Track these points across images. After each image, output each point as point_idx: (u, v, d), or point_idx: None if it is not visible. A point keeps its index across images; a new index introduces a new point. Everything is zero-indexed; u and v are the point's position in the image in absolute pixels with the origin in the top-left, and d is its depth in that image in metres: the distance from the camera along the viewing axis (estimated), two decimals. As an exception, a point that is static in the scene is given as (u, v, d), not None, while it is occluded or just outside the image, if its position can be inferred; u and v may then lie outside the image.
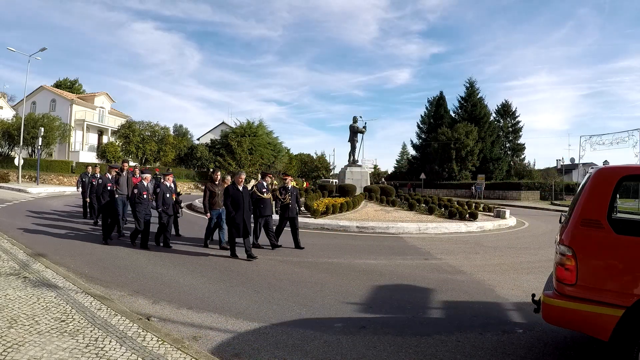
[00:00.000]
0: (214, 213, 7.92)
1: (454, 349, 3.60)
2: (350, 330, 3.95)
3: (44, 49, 27.78)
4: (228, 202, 6.86)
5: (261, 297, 4.92)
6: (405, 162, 60.66)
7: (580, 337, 3.99)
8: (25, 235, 8.37)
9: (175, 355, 3.09)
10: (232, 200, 6.84)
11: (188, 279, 5.65)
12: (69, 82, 53.02)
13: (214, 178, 8.26)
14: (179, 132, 42.18)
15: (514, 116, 50.24)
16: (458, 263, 7.43)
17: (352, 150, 19.50)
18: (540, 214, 21.47)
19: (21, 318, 3.62)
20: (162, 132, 37.66)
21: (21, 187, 22.14)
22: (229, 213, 6.84)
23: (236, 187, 7.03)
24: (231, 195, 6.88)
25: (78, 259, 6.48)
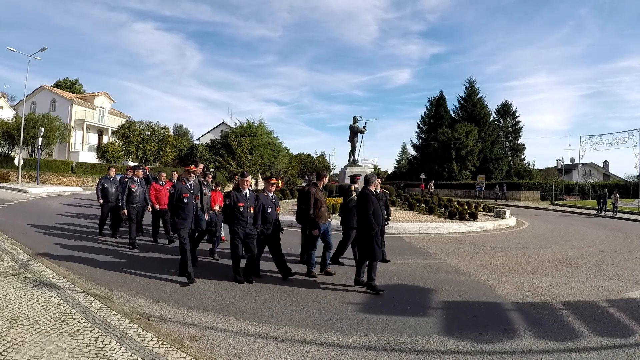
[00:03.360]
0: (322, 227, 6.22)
1: (454, 349, 3.60)
2: (350, 330, 3.95)
3: (44, 49, 27.75)
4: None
5: (261, 297, 4.92)
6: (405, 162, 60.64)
7: (583, 335, 3.99)
8: (25, 235, 8.36)
9: (175, 355, 3.09)
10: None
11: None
12: (69, 82, 53.01)
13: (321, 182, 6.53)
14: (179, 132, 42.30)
15: (514, 116, 50.22)
16: (458, 263, 7.43)
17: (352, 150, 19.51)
18: (540, 214, 21.47)
19: (21, 318, 3.62)
20: (162, 132, 37.65)
21: (21, 187, 22.13)
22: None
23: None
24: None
25: (78, 259, 6.48)
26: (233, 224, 5.41)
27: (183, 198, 5.49)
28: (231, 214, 5.42)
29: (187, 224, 5.51)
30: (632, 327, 4.33)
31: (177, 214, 5.49)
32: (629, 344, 3.85)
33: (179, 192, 5.52)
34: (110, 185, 8.84)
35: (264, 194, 5.81)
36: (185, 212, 5.47)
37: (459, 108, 49.48)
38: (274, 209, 5.77)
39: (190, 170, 5.78)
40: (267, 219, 5.61)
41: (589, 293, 5.68)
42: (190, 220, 5.53)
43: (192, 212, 5.56)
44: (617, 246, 10.43)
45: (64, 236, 8.57)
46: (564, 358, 3.49)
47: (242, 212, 5.39)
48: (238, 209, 5.38)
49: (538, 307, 4.93)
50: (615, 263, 8.01)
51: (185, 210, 5.48)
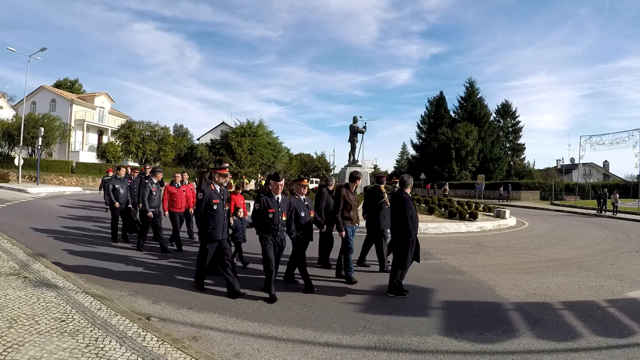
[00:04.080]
0: (349, 230, 6.03)
1: (454, 349, 3.60)
2: (350, 330, 3.95)
3: (44, 49, 27.76)
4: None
5: (262, 297, 4.92)
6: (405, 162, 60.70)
7: (583, 335, 3.99)
8: (25, 235, 8.36)
9: (175, 355, 3.09)
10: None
11: (188, 279, 5.64)
12: (69, 82, 53.04)
13: (354, 184, 6.29)
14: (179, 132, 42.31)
15: (514, 116, 50.28)
16: (458, 263, 7.43)
17: (352, 150, 19.50)
18: (540, 214, 21.47)
19: (21, 318, 3.61)
20: (162, 132, 37.66)
21: (21, 187, 22.13)
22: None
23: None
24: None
25: (78, 259, 6.48)
26: (263, 232, 4.87)
27: (213, 204, 4.85)
28: (261, 221, 4.88)
29: (217, 234, 4.88)
30: (632, 327, 4.33)
31: (206, 222, 4.85)
32: (629, 344, 3.85)
33: (208, 198, 4.85)
34: (121, 186, 8.34)
35: (296, 197, 5.39)
36: (215, 220, 4.86)
37: (459, 108, 49.54)
38: (308, 212, 5.31)
39: (222, 173, 5.12)
40: (301, 224, 5.20)
41: (589, 293, 5.68)
42: (220, 230, 4.90)
43: (223, 220, 4.94)
44: (617, 246, 10.43)
45: (64, 236, 8.56)
46: (564, 358, 3.49)
47: (273, 219, 4.83)
48: (268, 215, 4.82)
49: (538, 307, 4.94)
50: (615, 263, 8.01)
51: (215, 218, 4.86)
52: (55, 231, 9.14)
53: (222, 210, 4.95)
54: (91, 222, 11.05)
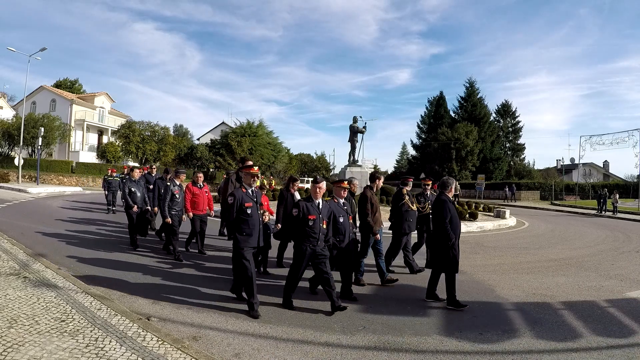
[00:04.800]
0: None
1: (454, 349, 3.60)
2: (350, 330, 3.95)
3: (44, 49, 27.77)
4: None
5: (261, 297, 4.91)
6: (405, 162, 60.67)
7: (583, 335, 4.00)
8: (25, 236, 8.36)
9: (175, 355, 3.09)
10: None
11: (188, 279, 5.65)
12: (69, 82, 53.03)
13: (375, 184, 6.05)
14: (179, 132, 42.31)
15: (514, 116, 50.27)
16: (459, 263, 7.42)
17: (352, 150, 19.48)
18: (540, 214, 21.47)
19: (21, 318, 3.61)
20: (162, 132, 37.66)
21: (21, 187, 22.13)
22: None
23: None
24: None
25: (78, 259, 6.48)
26: (301, 241, 4.42)
27: (246, 209, 4.38)
28: (299, 228, 4.43)
29: (253, 241, 4.39)
30: (632, 327, 4.33)
31: (239, 229, 4.37)
32: (628, 344, 3.86)
33: (240, 201, 4.39)
34: (137, 189, 7.88)
35: (335, 200, 4.94)
36: (250, 226, 4.38)
37: (459, 108, 49.52)
38: (347, 217, 4.90)
39: (252, 172, 4.59)
40: (340, 230, 4.77)
41: (589, 293, 5.68)
42: (256, 236, 4.42)
43: (258, 225, 4.47)
44: (617, 246, 10.43)
45: (64, 236, 8.56)
46: (564, 358, 3.49)
47: (313, 227, 4.39)
48: (307, 222, 4.39)
49: (538, 307, 4.94)
50: (615, 263, 8.01)
51: (249, 223, 4.38)
52: (55, 231, 9.13)
53: (256, 215, 4.46)
54: (91, 222, 11.05)
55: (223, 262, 6.76)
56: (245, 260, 4.31)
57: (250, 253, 4.41)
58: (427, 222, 6.52)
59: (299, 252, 4.44)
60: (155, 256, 7.03)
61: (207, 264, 6.62)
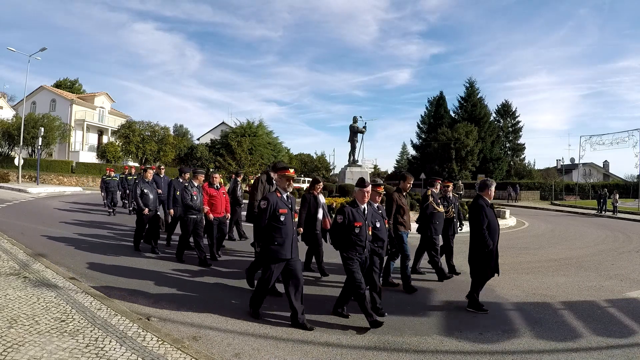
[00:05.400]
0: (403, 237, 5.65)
1: (454, 349, 3.60)
2: (350, 330, 3.95)
3: (44, 49, 27.77)
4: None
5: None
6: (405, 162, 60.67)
7: (583, 335, 3.99)
8: (25, 235, 8.36)
9: (175, 355, 3.09)
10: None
11: (188, 279, 5.65)
12: (69, 82, 53.02)
13: (402, 186, 5.78)
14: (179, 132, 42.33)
15: (514, 116, 50.24)
16: (458, 263, 7.41)
17: (352, 150, 19.49)
18: (540, 214, 21.47)
19: (21, 318, 3.62)
20: (162, 132, 37.67)
21: (21, 187, 22.13)
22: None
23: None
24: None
25: (78, 259, 6.48)
26: (347, 250, 4.08)
27: (280, 215, 3.96)
28: (345, 236, 4.10)
29: (285, 252, 3.97)
30: (632, 327, 4.33)
31: (271, 238, 3.96)
32: (629, 344, 3.85)
33: (273, 207, 3.99)
34: (150, 191, 7.42)
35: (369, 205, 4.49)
36: (282, 234, 3.96)
37: (459, 108, 49.48)
38: (383, 223, 4.49)
39: (288, 175, 4.19)
40: (378, 236, 4.35)
41: (589, 293, 5.68)
42: (289, 247, 4.00)
43: (292, 234, 4.05)
44: (617, 246, 10.43)
45: (64, 236, 8.56)
46: (564, 358, 3.49)
47: (360, 234, 4.05)
48: (354, 229, 4.05)
49: (538, 307, 4.94)
50: (615, 263, 8.01)
51: (282, 232, 3.96)
52: (55, 231, 9.14)
53: (290, 223, 4.05)
54: (91, 221, 11.05)
55: (223, 262, 6.76)
56: (270, 272, 3.99)
57: (279, 266, 4.01)
58: (450, 226, 6.46)
59: (349, 262, 4.06)
60: (155, 256, 7.02)
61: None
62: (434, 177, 6.46)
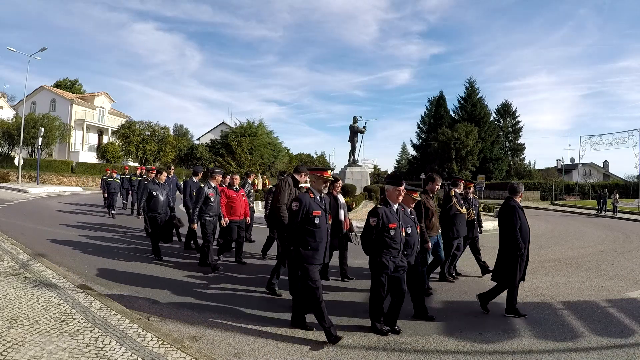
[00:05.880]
0: (432, 239, 5.42)
1: (454, 349, 3.60)
2: (350, 330, 3.95)
3: (44, 49, 27.78)
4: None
5: (262, 298, 4.92)
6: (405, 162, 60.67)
7: (583, 335, 4.00)
8: (25, 235, 8.36)
9: (175, 355, 3.09)
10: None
11: (188, 279, 5.65)
12: (69, 82, 53.01)
13: (429, 188, 5.52)
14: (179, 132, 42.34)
15: (514, 116, 50.25)
16: (458, 263, 7.42)
17: (352, 150, 19.49)
18: (540, 214, 21.47)
19: (21, 318, 3.62)
20: (162, 132, 37.70)
21: (21, 187, 22.13)
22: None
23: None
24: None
25: (78, 259, 6.48)
26: (380, 254, 3.82)
27: (314, 218, 3.75)
28: (378, 239, 3.85)
29: (319, 257, 3.76)
30: (632, 327, 4.33)
31: (304, 242, 3.74)
32: (629, 344, 3.86)
33: (306, 209, 3.77)
34: (161, 193, 6.94)
35: (402, 208, 4.17)
36: (317, 238, 3.75)
37: (459, 108, 49.50)
38: (415, 228, 4.19)
39: (326, 177, 3.99)
40: (409, 242, 4.05)
41: (589, 293, 5.68)
42: (323, 251, 3.80)
43: (326, 237, 3.86)
44: (617, 246, 10.43)
45: (64, 236, 8.56)
46: (564, 358, 3.49)
47: (394, 237, 3.82)
48: (388, 232, 3.82)
49: (538, 307, 4.94)
50: (615, 263, 8.01)
51: (316, 236, 3.75)
52: (55, 231, 9.14)
53: (325, 225, 3.83)
54: (91, 222, 11.05)
55: (223, 263, 6.76)
56: (312, 280, 3.66)
57: (317, 271, 3.75)
58: (471, 229, 6.32)
59: (379, 267, 3.82)
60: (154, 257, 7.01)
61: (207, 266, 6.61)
62: (457, 177, 6.27)
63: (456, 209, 5.89)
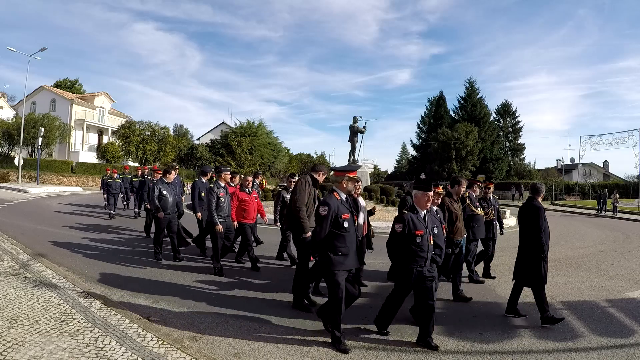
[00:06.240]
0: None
1: (454, 349, 3.60)
2: (350, 330, 3.94)
3: (44, 49, 27.81)
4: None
5: (262, 298, 4.92)
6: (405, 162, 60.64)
7: (583, 335, 3.99)
8: (25, 235, 8.36)
9: (175, 355, 3.09)
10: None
11: (188, 279, 5.65)
12: (69, 82, 52.99)
13: (453, 191, 5.35)
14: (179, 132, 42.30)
15: (514, 116, 50.24)
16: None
17: (352, 150, 19.50)
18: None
19: (21, 318, 3.62)
20: (162, 132, 37.69)
21: (21, 187, 22.13)
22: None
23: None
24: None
25: (78, 259, 6.48)
26: (405, 262, 3.60)
27: (343, 221, 3.59)
28: (405, 247, 3.61)
29: (349, 262, 3.59)
30: (632, 327, 4.33)
31: (333, 247, 3.57)
32: (629, 344, 3.86)
33: (335, 212, 3.59)
34: (169, 193, 6.76)
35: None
36: (346, 243, 3.58)
37: (459, 108, 49.47)
38: (441, 229, 3.94)
39: (354, 177, 3.83)
40: (436, 244, 3.85)
41: (589, 293, 5.68)
42: (353, 256, 3.64)
43: (356, 241, 3.71)
44: (617, 246, 10.44)
45: (64, 236, 8.56)
46: (564, 358, 3.49)
47: (421, 245, 3.58)
48: (415, 239, 3.58)
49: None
50: (615, 263, 8.01)
51: (346, 240, 3.58)
52: (55, 231, 9.14)
53: (354, 229, 3.69)
54: (91, 222, 11.05)
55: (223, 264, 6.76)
56: (339, 287, 3.52)
57: (344, 277, 3.59)
58: (490, 229, 6.19)
59: (404, 276, 3.62)
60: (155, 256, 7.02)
61: (207, 266, 6.61)
62: (475, 180, 6.06)
63: (470, 210, 5.70)
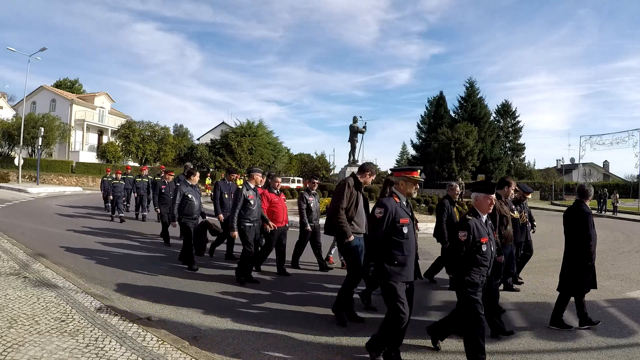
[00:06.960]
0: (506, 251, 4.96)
1: (454, 349, 3.60)
2: (350, 330, 3.95)
3: (44, 49, 27.83)
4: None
5: (262, 297, 4.92)
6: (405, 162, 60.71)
7: (583, 335, 3.99)
8: (25, 235, 8.36)
9: (175, 355, 3.09)
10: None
11: (188, 279, 5.65)
12: (69, 82, 53.00)
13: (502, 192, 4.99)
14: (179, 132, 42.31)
15: (514, 116, 50.23)
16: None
17: (352, 150, 19.53)
18: (540, 214, 21.46)
19: (21, 318, 3.61)
20: (162, 132, 37.72)
21: (21, 187, 22.13)
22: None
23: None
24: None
25: (78, 259, 6.48)
26: (469, 272, 3.18)
27: (401, 227, 3.19)
28: (468, 256, 3.20)
29: (407, 273, 3.22)
30: (632, 327, 4.33)
31: (390, 256, 3.18)
32: (628, 344, 3.85)
33: (392, 215, 3.21)
34: (195, 196, 6.40)
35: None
36: (405, 251, 3.20)
37: (459, 108, 49.45)
38: (492, 234, 3.42)
39: (416, 178, 3.40)
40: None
41: (589, 293, 5.65)
42: (412, 266, 3.26)
43: (415, 250, 3.34)
44: (617, 246, 10.43)
45: (64, 236, 8.56)
46: (564, 358, 3.49)
47: (485, 253, 3.21)
48: (480, 248, 3.19)
49: (538, 307, 4.94)
50: (615, 263, 8.00)
51: (404, 248, 3.20)
52: (55, 231, 9.14)
53: (413, 236, 3.32)
54: (92, 222, 11.04)
55: (224, 264, 6.76)
56: (399, 301, 3.13)
57: (404, 290, 3.20)
58: (524, 232, 5.98)
59: (469, 286, 3.18)
60: (155, 256, 7.02)
61: (207, 264, 6.61)
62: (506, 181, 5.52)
63: (499, 212, 5.26)
